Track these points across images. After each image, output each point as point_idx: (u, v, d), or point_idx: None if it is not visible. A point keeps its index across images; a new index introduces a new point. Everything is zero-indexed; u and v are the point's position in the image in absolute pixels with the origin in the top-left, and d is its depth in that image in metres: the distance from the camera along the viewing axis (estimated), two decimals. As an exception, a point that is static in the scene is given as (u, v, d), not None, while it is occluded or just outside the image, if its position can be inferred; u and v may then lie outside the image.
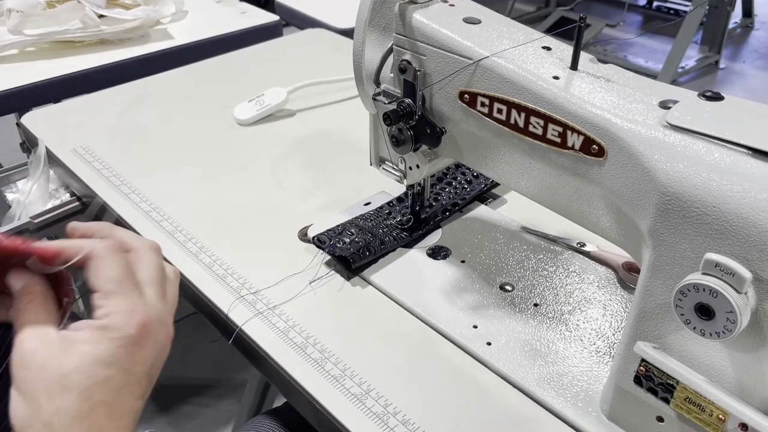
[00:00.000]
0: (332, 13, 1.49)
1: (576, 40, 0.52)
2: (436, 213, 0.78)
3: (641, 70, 3.01)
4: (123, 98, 1.09)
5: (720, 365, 0.46)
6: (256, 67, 1.21)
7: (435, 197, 0.80)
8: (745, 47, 3.47)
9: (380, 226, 0.75)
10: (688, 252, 0.45)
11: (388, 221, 0.76)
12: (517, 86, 0.54)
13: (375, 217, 0.77)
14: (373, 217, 0.77)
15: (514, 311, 0.66)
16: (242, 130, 1.00)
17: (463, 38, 0.58)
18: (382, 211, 0.78)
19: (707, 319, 0.43)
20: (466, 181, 0.83)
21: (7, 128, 1.34)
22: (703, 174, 0.43)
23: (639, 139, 0.47)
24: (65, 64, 1.19)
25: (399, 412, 0.56)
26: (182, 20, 1.40)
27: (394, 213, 0.78)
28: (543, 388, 0.58)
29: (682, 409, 0.48)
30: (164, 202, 0.83)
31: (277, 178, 0.89)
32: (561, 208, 0.59)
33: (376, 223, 0.76)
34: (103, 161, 0.92)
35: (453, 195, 0.81)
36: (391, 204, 0.80)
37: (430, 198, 0.80)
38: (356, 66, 0.66)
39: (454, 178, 0.84)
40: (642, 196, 0.47)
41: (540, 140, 0.54)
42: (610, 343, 0.62)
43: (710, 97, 0.48)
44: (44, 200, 0.96)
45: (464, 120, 0.60)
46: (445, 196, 0.81)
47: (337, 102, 1.07)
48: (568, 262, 0.72)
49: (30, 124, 1.02)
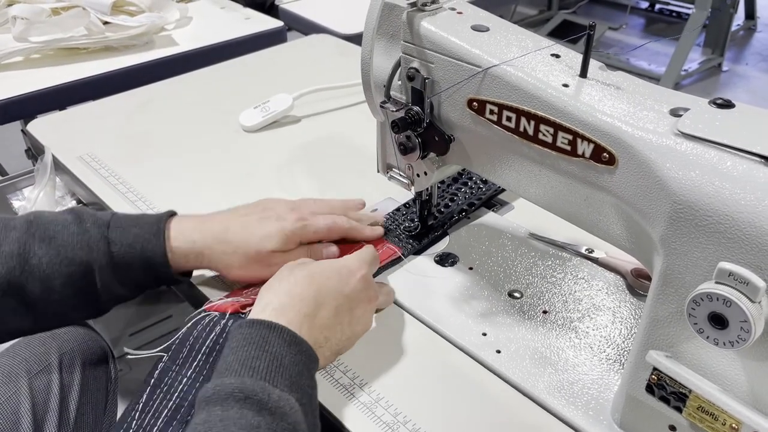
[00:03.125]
0: (336, 19, 1.49)
1: (585, 48, 0.52)
2: (443, 220, 0.78)
3: (644, 73, 3.01)
4: (128, 105, 1.09)
5: (733, 374, 0.46)
6: (261, 73, 1.21)
7: (447, 204, 0.80)
8: (748, 49, 3.47)
9: (392, 235, 0.75)
10: (700, 261, 0.45)
11: (398, 230, 0.76)
12: (527, 94, 0.54)
13: (386, 227, 0.77)
14: (384, 226, 0.77)
15: (523, 318, 0.66)
16: (248, 137, 1.00)
17: (471, 46, 0.58)
18: (393, 220, 0.78)
19: (721, 329, 0.43)
20: (475, 187, 0.83)
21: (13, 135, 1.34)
22: (715, 182, 0.43)
23: (650, 147, 0.47)
24: (70, 71, 1.19)
25: (409, 420, 0.56)
26: (187, 26, 1.40)
27: (401, 219, 0.78)
28: (553, 397, 0.58)
29: (695, 418, 0.48)
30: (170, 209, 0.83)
31: (283, 184, 0.89)
32: (571, 216, 0.59)
33: (388, 233, 0.76)
34: (110, 168, 0.92)
35: (461, 201, 0.81)
36: (402, 212, 0.80)
37: (439, 205, 0.80)
38: (364, 74, 0.66)
39: (465, 184, 0.84)
40: (653, 205, 0.47)
41: (550, 148, 0.54)
42: (620, 351, 0.62)
43: (721, 104, 0.48)
44: (51, 208, 0.96)
45: (473, 128, 0.60)
46: (453, 204, 0.80)
47: (342, 108, 1.07)
48: (576, 268, 0.72)
49: (36, 131, 1.02)
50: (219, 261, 0.64)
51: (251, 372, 0.49)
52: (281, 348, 0.52)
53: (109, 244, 0.61)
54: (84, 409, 0.71)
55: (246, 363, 0.49)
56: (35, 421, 0.65)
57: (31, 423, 0.65)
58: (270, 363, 0.50)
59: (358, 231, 0.72)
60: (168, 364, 0.58)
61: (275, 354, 0.51)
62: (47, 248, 0.60)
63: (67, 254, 0.60)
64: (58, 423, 0.67)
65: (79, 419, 0.69)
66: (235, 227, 0.65)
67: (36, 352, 0.71)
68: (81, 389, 0.71)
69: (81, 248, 0.61)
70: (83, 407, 0.71)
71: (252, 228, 0.65)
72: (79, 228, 0.61)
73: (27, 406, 0.66)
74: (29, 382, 0.68)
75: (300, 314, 0.56)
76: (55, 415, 0.67)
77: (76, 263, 0.60)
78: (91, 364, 0.74)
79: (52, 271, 0.60)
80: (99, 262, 0.61)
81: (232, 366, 0.49)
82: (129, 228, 0.63)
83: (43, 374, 0.69)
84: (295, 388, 0.50)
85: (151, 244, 0.62)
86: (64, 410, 0.68)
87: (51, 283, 0.60)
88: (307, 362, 0.53)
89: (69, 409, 0.69)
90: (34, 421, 0.65)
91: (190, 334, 0.60)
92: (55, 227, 0.61)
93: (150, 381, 0.58)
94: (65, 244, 0.60)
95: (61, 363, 0.71)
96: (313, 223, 0.67)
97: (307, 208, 0.69)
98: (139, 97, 1.12)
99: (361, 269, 0.62)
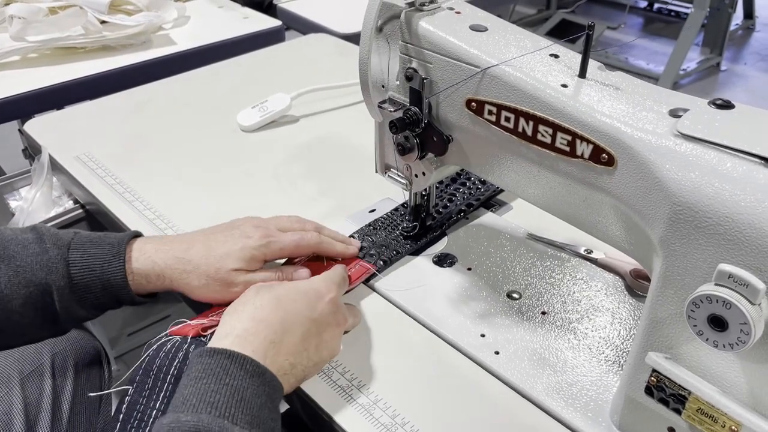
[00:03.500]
0: (335, 18, 1.48)
1: (584, 48, 0.52)
2: (441, 221, 0.78)
3: (642, 73, 3.01)
4: (126, 104, 1.09)
5: (733, 376, 0.46)
6: (259, 72, 1.21)
7: (445, 205, 0.80)
8: (746, 49, 3.47)
9: (391, 237, 0.75)
10: (700, 262, 0.44)
11: (396, 231, 0.76)
12: (525, 94, 0.54)
13: (384, 228, 0.77)
14: (383, 227, 0.77)
15: (522, 320, 0.65)
16: (246, 137, 1.00)
17: (469, 46, 0.58)
18: (391, 220, 0.78)
19: (720, 331, 0.43)
20: (474, 187, 0.83)
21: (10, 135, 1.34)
22: (715, 184, 0.43)
23: (650, 148, 0.47)
24: (67, 70, 1.18)
25: (407, 422, 0.56)
26: (184, 26, 1.39)
27: (399, 220, 0.78)
28: (552, 398, 0.57)
29: (695, 420, 0.48)
30: (168, 209, 0.83)
31: (281, 184, 0.88)
32: (569, 217, 0.58)
33: (386, 234, 0.75)
34: (107, 168, 0.91)
35: (460, 201, 0.80)
36: (399, 212, 0.79)
37: (437, 205, 0.79)
38: (362, 74, 0.66)
39: (463, 184, 0.83)
40: (653, 206, 0.47)
41: (548, 149, 0.54)
42: (619, 352, 0.61)
43: (720, 105, 0.48)
44: (48, 208, 0.96)
45: (471, 128, 0.60)
46: (451, 204, 0.80)
47: (340, 107, 1.07)
48: (575, 269, 0.72)
49: (33, 131, 1.02)
50: (180, 281, 0.62)
51: (209, 408, 0.47)
52: (242, 380, 0.49)
53: (68, 265, 0.60)
54: (77, 410, 0.70)
55: (204, 398, 0.47)
56: (28, 423, 0.65)
57: (24, 424, 0.65)
58: (230, 397, 0.48)
59: (329, 246, 0.69)
60: (135, 397, 0.56)
61: (236, 387, 0.48)
62: (6, 268, 0.58)
63: (25, 275, 0.59)
64: (50, 424, 0.67)
65: (73, 420, 0.69)
66: (197, 246, 0.63)
67: (28, 354, 0.70)
68: (74, 390, 0.71)
69: (40, 269, 0.59)
70: (76, 408, 0.70)
71: (214, 246, 0.63)
72: (39, 248, 0.60)
73: (19, 408, 0.65)
74: (21, 383, 0.67)
75: (265, 341, 0.53)
76: (47, 417, 0.67)
77: (34, 284, 0.59)
78: (85, 364, 0.74)
79: (10, 292, 0.58)
80: (58, 283, 0.59)
81: (189, 400, 0.47)
82: (89, 249, 0.61)
83: (36, 375, 0.69)
84: (255, 423, 0.48)
85: (111, 266, 0.61)
86: (56, 411, 0.68)
87: (10, 304, 0.58)
88: (271, 393, 0.51)
89: (62, 410, 0.69)
90: (27, 423, 0.65)
91: (153, 362, 0.57)
92: (15, 247, 0.60)
93: (119, 417, 0.55)
94: (24, 264, 0.59)
95: (54, 364, 0.71)
96: (279, 240, 0.65)
97: (276, 225, 0.67)
98: (136, 97, 1.12)
99: (330, 292, 0.60)
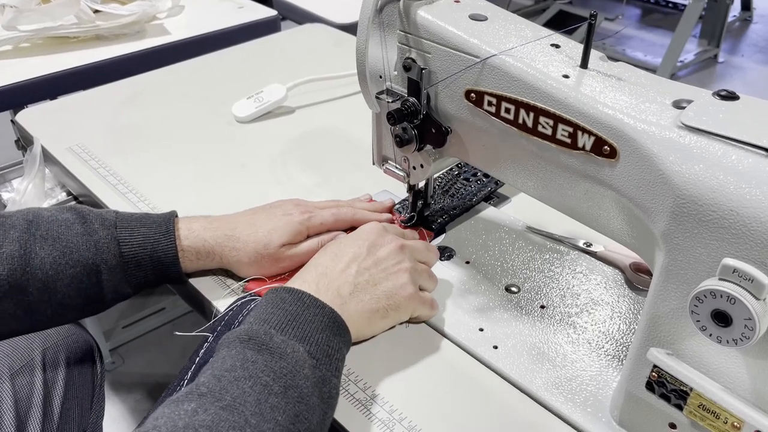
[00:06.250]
0: (331, 8, 1.47)
1: (587, 38, 0.51)
2: (439, 213, 0.77)
3: (640, 64, 3.00)
4: (119, 95, 1.07)
5: (735, 372, 0.45)
6: (254, 63, 1.20)
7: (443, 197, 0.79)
8: (743, 41, 3.46)
9: None
10: (703, 256, 0.44)
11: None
12: (526, 85, 0.53)
13: None
14: None
15: (521, 313, 0.65)
16: (241, 128, 0.98)
17: (469, 36, 0.57)
18: None
19: (724, 326, 0.42)
20: (473, 180, 0.82)
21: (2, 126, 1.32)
22: (719, 176, 0.42)
23: (653, 140, 0.46)
24: (60, 60, 1.17)
25: (405, 418, 0.55)
26: (179, 15, 1.38)
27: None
28: (551, 393, 0.57)
29: (696, 417, 0.47)
30: (162, 201, 0.82)
31: (277, 176, 0.87)
32: (570, 210, 0.57)
33: None
34: (100, 159, 0.90)
35: (459, 194, 0.79)
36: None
37: (435, 197, 0.78)
38: (359, 64, 0.65)
39: (466, 179, 0.82)
40: (656, 199, 0.46)
41: (549, 140, 0.53)
42: (619, 346, 0.61)
43: (725, 96, 0.47)
44: (40, 199, 0.94)
45: (470, 119, 0.59)
46: (450, 197, 0.79)
47: (337, 98, 1.06)
48: (574, 262, 0.71)
49: (25, 121, 1.00)
50: (230, 257, 0.65)
51: (261, 322, 0.51)
52: (296, 307, 0.54)
53: (119, 244, 0.61)
54: (69, 405, 0.70)
55: (260, 317, 0.52)
56: (18, 418, 0.64)
57: (14, 420, 0.64)
58: (283, 317, 0.52)
59: (365, 217, 0.73)
60: (213, 344, 0.58)
61: (290, 312, 0.53)
62: (50, 249, 0.59)
63: (72, 255, 0.59)
64: (42, 419, 0.66)
65: (64, 414, 0.68)
66: (243, 224, 0.66)
67: (18, 348, 0.69)
68: (65, 385, 0.70)
69: (87, 249, 0.60)
70: (68, 403, 0.70)
71: (259, 224, 0.66)
72: (83, 228, 0.61)
73: (9, 404, 0.64)
74: (11, 378, 0.67)
75: (315, 273, 0.59)
76: (38, 412, 0.66)
77: (81, 264, 0.60)
78: (76, 359, 0.73)
79: (56, 272, 0.59)
80: (110, 262, 0.61)
81: (248, 320, 0.52)
82: (137, 228, 0.63)
83: (26, 370, 0.68)
84: (307, 340, 0.51)
85: (161, 243, 0.63)
86: (48, 406, 0.67)
87: (54, 285, 0.59)
88: (330, 323, 0.54)
89: (53, 405, 0.68)
90: (17, 418, 0.64)
91: (236, 318, 0.60)
92: (57, 227, 0.60)
93: (195, 359, 0.58)
94: (70, 245, 0.60)
95: (45, 359, 0.70)
96: (318, 214, 0.69)
97: (311, 204, 0.71)
98: (130, 87, 1.10)
99: (386, 233, 0.65)
